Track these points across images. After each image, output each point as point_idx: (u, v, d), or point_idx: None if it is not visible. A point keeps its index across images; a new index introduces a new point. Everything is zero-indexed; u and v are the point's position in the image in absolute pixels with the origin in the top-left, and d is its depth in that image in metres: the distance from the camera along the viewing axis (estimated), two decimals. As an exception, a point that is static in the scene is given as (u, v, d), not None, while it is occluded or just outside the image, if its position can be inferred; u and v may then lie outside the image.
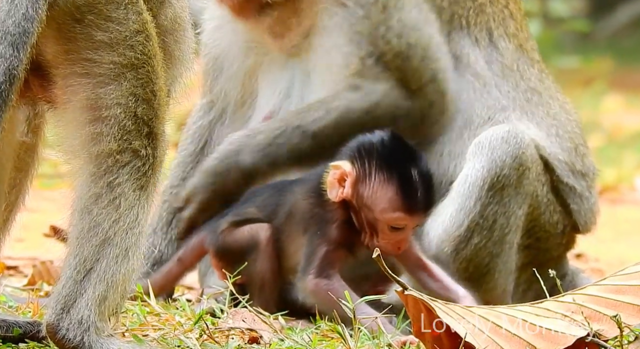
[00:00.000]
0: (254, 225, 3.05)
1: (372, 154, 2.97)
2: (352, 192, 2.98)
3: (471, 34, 3.19)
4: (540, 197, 3.15)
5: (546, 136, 3.22)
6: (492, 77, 3.20)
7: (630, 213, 5.92)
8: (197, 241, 3.14)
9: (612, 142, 9.02)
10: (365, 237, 3.01)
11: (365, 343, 2.69)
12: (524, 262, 3.19)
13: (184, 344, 2.58)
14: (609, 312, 2.46)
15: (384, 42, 3.09)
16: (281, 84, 3.22)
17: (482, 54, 3.20)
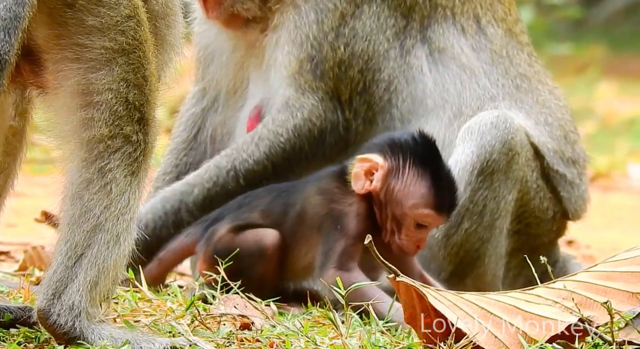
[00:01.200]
0: (259, 230, 3.02)
1: (406, 149, 2.98)
2: (381, 185, 2.98)
3: (457, 23, 3.19)
4: (530, 183, 3.16)
5: (535, 124, 3.22)
6: (480, 66, 3.20)
7: (622, 200, 5.93)
8: (181, 244, 3.12)
9: (605, 129, 9.02)
10: (386, 233, 3.00)
11: (357, 329, 2.70)
12: (514, 247, 3.20)
13: (176, 331, 2.58)
14: (599, 298, 2.47)
15: (330, 48, 3.11)
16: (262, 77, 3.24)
17: (469, 42, 3.20)
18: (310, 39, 3.11)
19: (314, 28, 3.11)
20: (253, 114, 3.25)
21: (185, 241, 3.12)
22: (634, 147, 8.13)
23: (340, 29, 3.10)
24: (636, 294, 2.48)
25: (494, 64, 3.21)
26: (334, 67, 3.11)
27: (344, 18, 3.11)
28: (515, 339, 2.46)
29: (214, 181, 3.14)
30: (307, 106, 3.12)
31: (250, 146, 3.15)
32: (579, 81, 10.22)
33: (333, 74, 3.12)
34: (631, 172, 6.59)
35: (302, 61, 3.12)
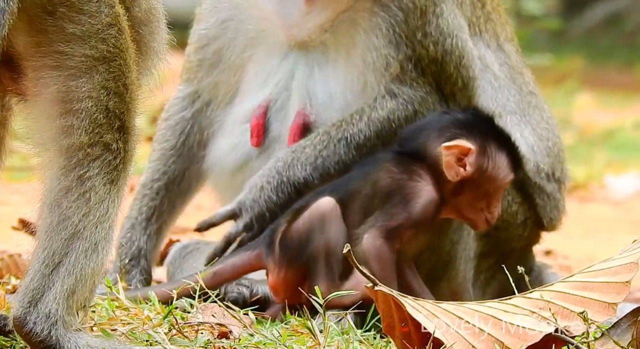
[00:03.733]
0: (313, 203, 2.98)
1: (480, 127, 3.05)
2: (474, 169, 3.02)
3: (483, 39, 3.27)
4: None
5: (538, 140, 3.29)
6: (504, 79, 3.27)
7: (600, 211, 5.96)
8: (243, 259, 3.05)
9: (583, 140, 9.08)
10: (471, 213, 3.01)
11: (335, 338, 2.70)
12: (484, 250, 3.22)
13: (153, 339, 2.58)
14: (576, 308, 2.48)
15: (421, 47, 3.14)
16: (278, 75, 3.21)
17: (493, 56, 3.28)
18: (404, 38, 3.13)
19: (404, 27, 3.12)
20: (257, 113, 3.21)
21: (248, 255, 3.05)
22: (612, 159, 8.19)
23: (425, 27, 3.13)
24: (612, 305, 2.49)
25: (513, 80, 3.29)
26: (430, 64, 3.14)
27: (426, 15, 3.13)
28: (492, 348, 2.47)
29: (325, 144, 3.13)
30: (416, 98, 3.15)
31: (360, 123, 3.14)
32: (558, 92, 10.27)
33: (430, 71, 3.15)
34: (609, 184, 6.63)
35: (402, 62, 3.14)
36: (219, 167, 3.28)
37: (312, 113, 3.20)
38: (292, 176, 3.10)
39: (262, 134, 3.20)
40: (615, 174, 6.88)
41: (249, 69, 3.25)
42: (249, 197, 3.11)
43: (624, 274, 2.51)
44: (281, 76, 3.21)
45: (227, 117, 3.28)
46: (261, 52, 3.23)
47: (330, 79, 3.19)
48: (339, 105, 3.18)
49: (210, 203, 3.59)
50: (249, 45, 3.24)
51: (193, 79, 3.30)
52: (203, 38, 3.26)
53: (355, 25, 3.16)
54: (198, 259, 3.32)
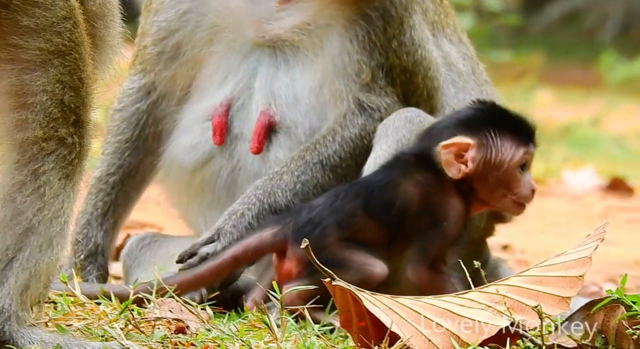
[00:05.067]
0: (370, 258, 2.95)
1: (478, 119, 3.04)
2: (477, 162, 3.01)
3: (446, 35, 3.29)
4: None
5: None
6: (466, 74, 3.30)
7: (557, 206, 6.01)
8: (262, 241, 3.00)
9: (542, 136, 9.13)
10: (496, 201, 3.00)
11: (292, 333, 2.70)
12: None
13: (108, 334, 2.56)
14: (530, 302, 2.50)
15: (395, 56, 3.16)
16: (240, 73, 3.19)
17: (456, 50, 3.30)
18: (379, 46, 3.14)
19: (381, 36, 3.14)
20: (219, 112, 3.20)
21: (267, 238, 3.00)
22: (569, 154, 8.26)
23: (401, 37, 3.15)
24: (566, 299, 2.51)
25: (472, 71, 3.32)
26: (400, 74, 3.16)
27: (403, 26, 3.16)
28: (448, 342, 2.49)
29: (301, 170, 3.13)
30: (382, 106, 3.15)
31: (334, 144, 3.15)
32: (517, 88, 10.34)
33: (400, 81, 3.17)
34: (566, 179, 6.69)
35: (374, 69, 3.15)
36: (178, 166, 3.25)
37: (277, 113, 3.18)
38: (273, 203, 3.11)
39: (225, 133, 3.18)
40: (573, 170, 6.95)
41: (209, 64, 3.22)
42: (229, 223, 3.10)
43: (578, 268, 2.53)
44: (243, 74, 3.19)
45: (186, 115, 3.26)
46: (223, 48, 3.20)
47: (297, 80, 3.18)
48: (304, 107, 3.18)
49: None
50: (210, 39, 3.21)
51: (150, 71, 3.27)
52: (162, 30, 3.23)
53: (331, 29, 3.16)
54: (155, 253, 3.30)
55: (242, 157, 3.19)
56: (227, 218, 3.12)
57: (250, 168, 3.19)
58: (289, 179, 3.12)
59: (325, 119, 3.18)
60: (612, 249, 4.58)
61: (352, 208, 3.01)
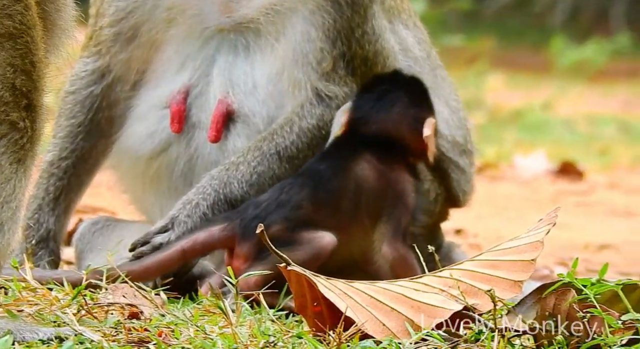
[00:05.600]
0: (317, 232, 2.96)
1: (420, 95, 3.13)
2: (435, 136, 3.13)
3: (402, 20, 3.29)
4: None
5: (452, 113, 3.32)
6: (422, 59, 3.31)
7: (509, 190, 6.07)
8: (212, 237, 2.98)
9: (494, 120, 9.22)
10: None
11: (247, 318, 2.70)
12: None
13: (61, 320, 2.54)
14: (483, 286, 2.52)
15: (358, 45, 3.15)
16: (198, 59, 3.16)
17: (412, 35, 3.30)
18: (342, 35, 3.13)
19: (346, 25, 3.13)
20: (177, 99, 3.17)
21: (216, 233, 2.99)
22: (520, 138, 8.33)
23: (364, 26, 3.14)
24: (518, 283, 2.54)
25: (428, 55, 3.32)
26: (361, 64, 3.15)
27: (366, 15, 3.15)
28: (402, 326, 2.50)
29: (258, 161, 3.11)
30: (341, 95, 3.14)
31: (291, 135, 3.13)
32: (469, 73, 10.40)
33: (360, 71, 3.16)
34: (517, 163, 6.75)
35: (336, 58, 3.13)
36: (133, 154, 3.23)
37: (235, 102, 3.16)
38: (229, 193, 3.09)
39: (183, 121, 3.16)
40: (524, 154, 7.01)
41: (167, 48, 3.19)
42: (183, 213, 3.08)
43: (530, 252, 2.56)
44: (202, 60, 3.17)
45: (142, 101, 3.23)
46: (182, 31, 3.17)
47: (257, 68, 3.16)
48: (263, 95, 3.16)
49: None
50: (169, 21, 3.18)
51: (105, 53, 3.22)
52: (120, 11, 3.19)
53: (297, 13, 3.15)
54: (108, 237, 3.28)
55: (200, 146, 3.17)
56: (181, 207, 3.10)
57: (208, 157, 3.18)
58: (245, 169, 3.11)
59: (284, 107, 3.17)
60: (562, 232, 4.63)
61: (299, 200, 3.01)
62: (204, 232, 3.02)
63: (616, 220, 5.34)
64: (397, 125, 3.08)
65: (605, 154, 7.78)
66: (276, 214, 3.00)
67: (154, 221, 3.25)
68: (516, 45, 14.94)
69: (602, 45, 12.89)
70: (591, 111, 10.27)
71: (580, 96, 11.10)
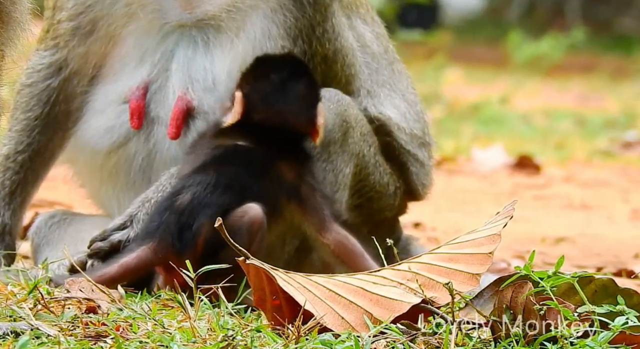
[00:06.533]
0: (242, 207, 2.93)
1: (313, 79, 3.15)
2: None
3: (360, 15, 3.29)
4: (367, 158, 3.23)
5: (409, 107, 3.32)
6: (379, 54, 3.30)
7: (467, 183, 6.10)
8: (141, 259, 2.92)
9: (452, 114, 9.26)
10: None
11: (206, 312, 2.69)
12: (356, 221, 3.26)
13: (17, 315, 2.52)
14: (442, 280, 2.53)
15: (319, 44, 3.15)
16: (157, 54, 3.14)
17: (370, 30, 3.30)
18: (303, 34, 3.13)
19: (306, 23, 3.12)
20: (137, 95, 3.15)
21: (147, 255, 2.92)
22: (478, 132, 8.38)
23: (325, 25, 3.13)
24: (476, 275, 2.55)
25: (385, 50, 3.32)
26: (320, 62, 3.15)
27: (327, 13, 3.14)
28: (361, 320, 2.51)
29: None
30: None
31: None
32: (427, 67, 10.44)
33: (320, 69, 3.16)
34: (475, 157, 6.78)
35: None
36: (91, 148, 3.20)
37: (195, 98, 3.14)
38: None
39: (143, 117, 3.14)
40: (482, 148, 7.05)
41: (125, 43, 3.17)
42: (142, 210, 3.06)
43: (488, 245, 2.57)
44: (161, 56, 3.14)
45: (100, 95, 3.20)
46: (140, 26, 3.15)
47: (216, 64, 3.14)
48: (222, 92, 3.14)
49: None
50: (128, 16, 3.15)
51: (63, 47, 3.19)
52: (79, 5, 3.16)
53: (257, 10, 3.14)
54: (65, 230, 3.25)
55: (159, 142, 3.16)
56: (140, 205, 3.08)
57: (167, 153, 3.16)
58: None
59: None
60: (519, 226, 4.66)
61: (226, 202, 2.96)
62: (132, 258, 2.94)
63: (572, 213, 5.38)
64: (293, 114, 3.06)
65: (562, 148, 7.85)
66: (203, 216, 2.95)
67: (112, 215, 3.22)
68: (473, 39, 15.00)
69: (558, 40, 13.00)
70: (547, 105, 10.36)
71: (536, 90, 11.19)
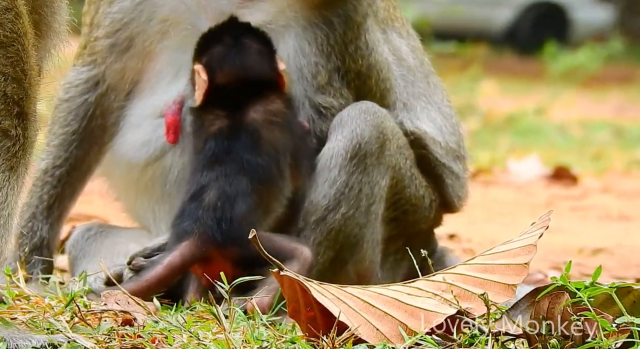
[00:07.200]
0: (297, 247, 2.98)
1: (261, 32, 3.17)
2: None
3: (395, 29, 3.31)
4: (403, 170, 3.23)
5: (445, 119, 3.33)
6: (415, 67, 3.32)
7: (503, 195, 6.07)
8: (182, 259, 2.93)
9: (487, 125, 9.24)
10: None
11: (241, 324, 2.70)
12: (392, 234, 3.26)
13: (54, 327, 2.54)
14: (477, 290, 2.52)
15: (352, 60, 3.18)
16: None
17: (405, 43, 3.32)
18: (336, 50, 3.16)
19: (339, 39, 3.15)
20: (173, 109, 3.16)
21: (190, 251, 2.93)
22: (514, 144, 8.35)
23: (357, 41, 3.17)
24: (512, 286, 2.54)
25: (421, 62, 3.34)
26: (355, 78, 3.18)
27: (360, 30, 3.17)
28: (395, 331, 2.50)
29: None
30: (336, 105, 3.16)
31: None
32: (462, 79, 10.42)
33: (354, 84, 3.18)
34: (511, 168, 6.76)
35: (331, 72, 3.16)
36: (127, 162, 3.22)
37: None
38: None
39: (179, 131, 3.16)
40: (518, 159, 7.02)
41: (161, 58, 3.19)
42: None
43: (523, 256, 2.56)
44: None
45: (136, 110, 3.23)
46: (176, 42, 3.18)
47: None
48: None
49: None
50: (163, 32, 3.19)
51: (100, 63, 3.23)
52: (116, 22, 3.20)
53: (289, 29, 3.16)
54: (101, 243, 3.28)
55: None
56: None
57: None
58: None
59: None
60: (556, 237, 4.64)
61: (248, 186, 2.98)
62: (175, 256, 2.94)
63: (610, 224, 5.34)
64: (256, 64, 3.06)
65: (599, 159, 7.80)
66: (238, 208, 2.98)
67: (147, 228, 3.24)
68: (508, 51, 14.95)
69: (595, 51, 12.93)
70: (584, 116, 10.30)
71: (573, 101, 11.13)
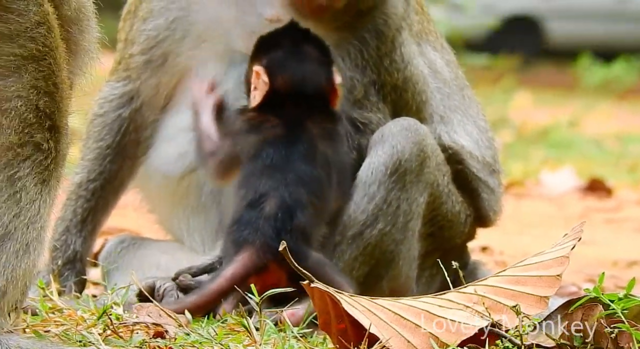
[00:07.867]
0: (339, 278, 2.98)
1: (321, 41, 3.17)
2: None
3: (430, 42, 3.31)
4: (441, 187, 3.22)
5: (480, 133, 3.33)
6: (450, 80, 3.32)
7: (535, 207, 6.04)
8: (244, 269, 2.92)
9: (520, 138, 9.20)
10: None
11: (272, 336, 2.70)
12: (428, 250, 3.25)
13: (87, 340, 2.55)
14: (509, 302, 2.50)
15: (387, 73, 3.19)
16: (227, 84, 3.17)
17: (440, 56, 3.32)
18: (370, 64, 3.17)
19: (374, 53, 3.16)
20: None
21: (252, 261, 2.93)
22: (547, 156, 8.30)
23: (392, 55, 3.17)
24: (544, 298, 2.52)
25: (455, 76, 3.34)
26: (390, 91, 3.18)
27: (394, 44, 3.18)
28: (427, 343, 2.49)
29: None
30: (374, 120, 3.17)
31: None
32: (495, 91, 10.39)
33: (390, 98, 3.19)
34: (544, 180, 6.72)
35: (367, 86, 3.17)
36: (162, 175, 3.24)
37: None
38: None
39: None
40: (551, 171, 6.98)
41: (194, 74, 3.21)
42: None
43: (556, 268, 2.54)
44: (230, 85, 3.18)
45: (170, 123, 3.25)
46: (209, 58, 3.20)
47: None
48: None
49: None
50: (197, 48, 3.21)
51: (135, 79, 3.26)
52: (151, 39, 3.22)
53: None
54: (134, 255, 3.29)
55: None
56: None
57: None
58: None
59: None
60: (590, 249, 4.60)
61: (305, 197, 2.99)
62: (237, 268, 2.94)
63: (645, 236, 5.29)
64: (314, 74, 3.06)
65: (634, 171, 7.73)
66: (297, 219, 2.98)
67: (181, 240, 3.25)
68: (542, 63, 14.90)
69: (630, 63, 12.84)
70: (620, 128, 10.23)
71: (608, 113, 11.06)
